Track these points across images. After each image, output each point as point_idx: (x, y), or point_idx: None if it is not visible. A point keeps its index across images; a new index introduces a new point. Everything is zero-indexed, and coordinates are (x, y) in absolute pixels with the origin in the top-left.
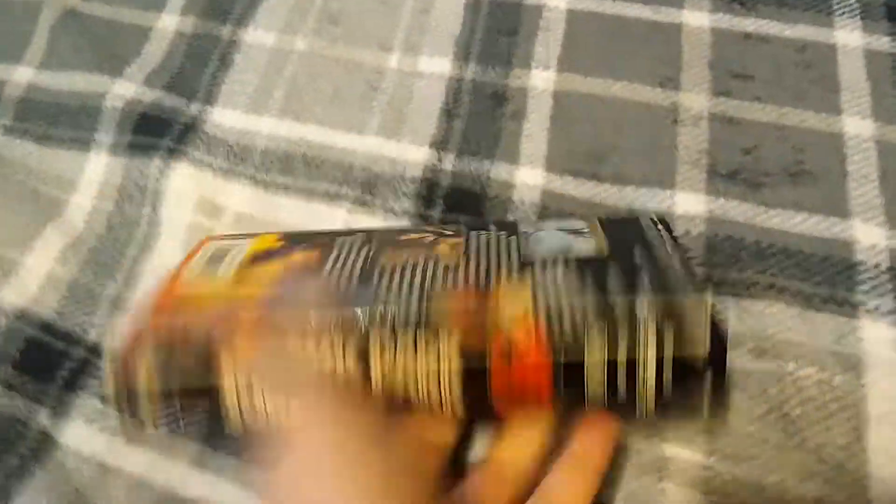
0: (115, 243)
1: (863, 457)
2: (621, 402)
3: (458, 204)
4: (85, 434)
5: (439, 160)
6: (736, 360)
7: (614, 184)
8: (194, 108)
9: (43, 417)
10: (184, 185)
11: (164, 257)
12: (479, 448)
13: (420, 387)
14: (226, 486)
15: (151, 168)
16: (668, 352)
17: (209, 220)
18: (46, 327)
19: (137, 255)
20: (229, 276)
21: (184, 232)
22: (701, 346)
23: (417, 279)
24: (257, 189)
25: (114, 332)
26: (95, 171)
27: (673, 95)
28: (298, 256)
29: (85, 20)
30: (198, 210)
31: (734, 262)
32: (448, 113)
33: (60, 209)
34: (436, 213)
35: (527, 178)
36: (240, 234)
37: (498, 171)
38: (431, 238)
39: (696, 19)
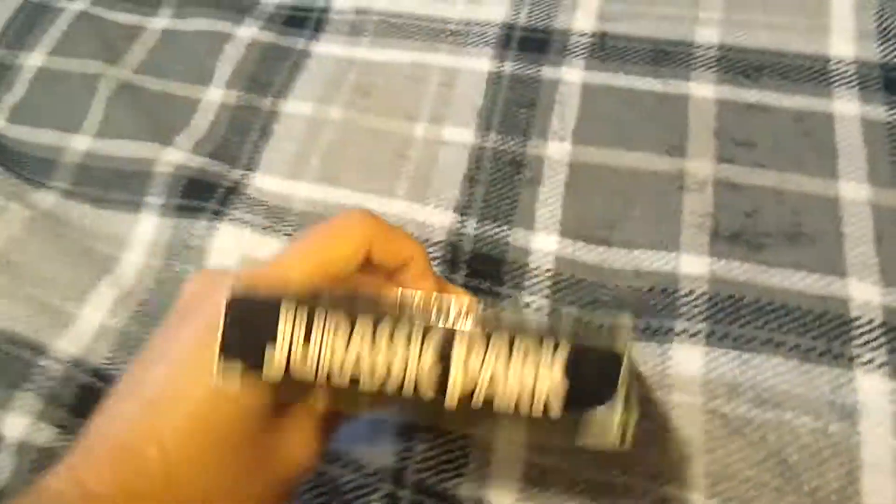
0: (161, 297)
1: (857, 499)
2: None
3: (481, 269)
4: None
5: (462, 224)
6: (736, 409)
7: (623, 248)
8: (237, 173)
9: None
10: (226, 243)
11: None
12: None
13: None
14: None
15: (197, 228)
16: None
17: None
18: (98, 374)
19: None
20: None
21: None
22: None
23: None
24: None
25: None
26: (146, 230)
27: (679, 163)
28: None
29: (138, 93)
30: (239, 266)
31: (735, 318)
32: (471, 179)
33: (113, 266)
34: (459, 277)
35: (542, 244)
36: None
37: (516, 236)
38: None
39: (702, 91)
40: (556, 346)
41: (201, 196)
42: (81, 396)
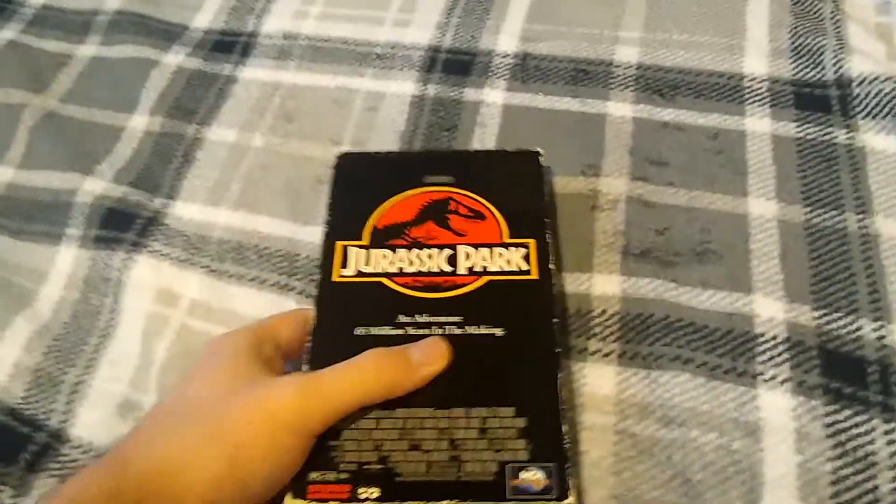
0: (77, 332)
1: None
2: None
3: None
4: None
5: None
6: (646, 429)
7: None
8: (158, 202)
9: (5, 497)
10: (144, 276)
11: (122, 344)
12: None
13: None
14: None
15: (115, 260)
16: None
17: (166, 309)
18: (12, 413)
19: (98, 343)
20: None
21: (142, 320)
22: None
23: None
24: (212, 279)
25: None
26: (64, 263)
27: (594, 182)
28: None
29: (62, 122)
30: (156, 300)
31: (645, 336)
32: None
33: (30, 300)
34: None
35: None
36: None
37: None
38: None
39: (620, 110)
40: None
41: (120, 227)
42: None
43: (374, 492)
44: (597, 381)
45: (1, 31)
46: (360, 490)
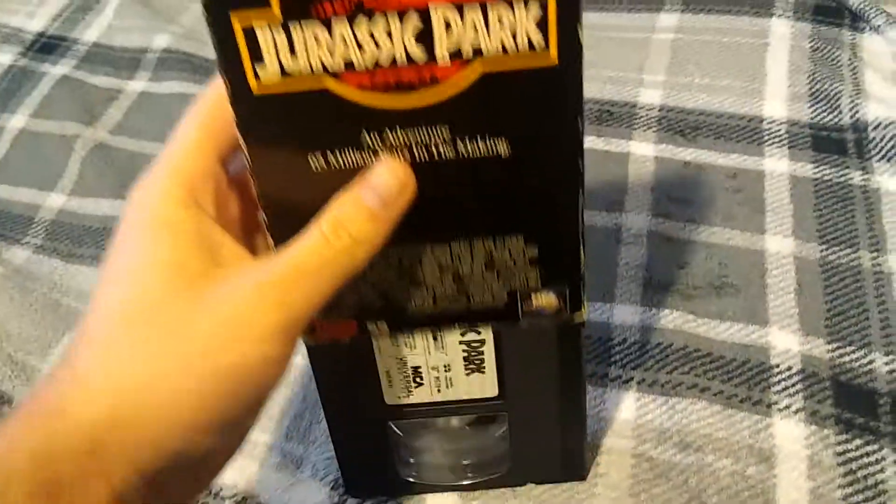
0: None
1: None
2: None
3: None
4: None
5: None
6: (663, 453)
7: None
8: None
9: None
10: None
11: None
12: None
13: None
14: None
15: None
16: None
17: None
18: None
19: None
20: None
21: None
22: None
23: None
24: None
25: None
26: None
27: (617, 217)
28: None
29: (112, 152)
30: None
31: (664, 364)
32: None
33: (78, 319)
34: None
35: None
36: None
37: None
38: None
39: (642, 149)
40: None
41: None
42: None
43: (382, 325)
44: (617, 407)
45: (55, 67)
46: (368, 325)
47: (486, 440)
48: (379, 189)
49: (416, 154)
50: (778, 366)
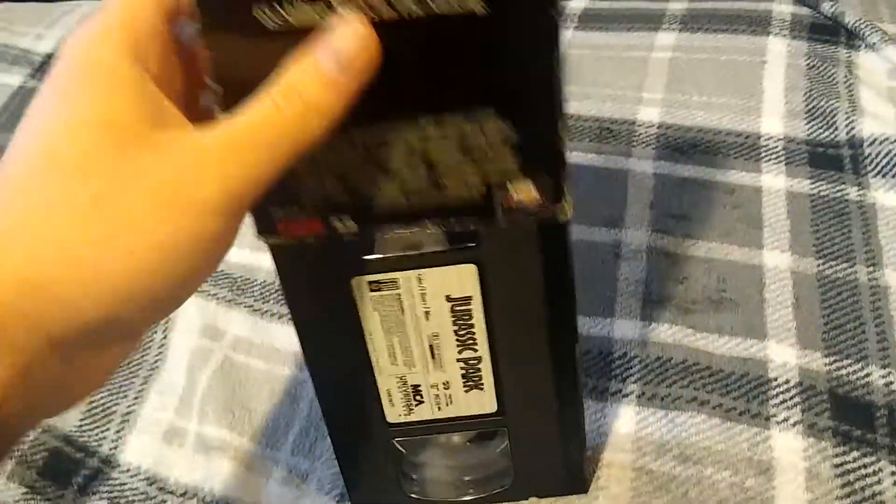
0: (129, 366)
1: None
2: None
3: None
4: None
5: None
6: (663, 466)
7: None
8: None
9: None
10: (191, 314)
11: (170, 376)
12: None
13: None
14: None
15: None
16: None
17: (211, 343)
18: (67, 439)
19: (147, 376)
20: None
21: (188, 354)
22: None
23: None
24: (255, 317)
25: None
26: None
27: (617, 233)
28: None
29: None
30: (202, 335)
31: (663, 378)
32: None
33: None
34: None
35: None
36: None
37: None
38: None
39: (641, 166)
40: None
41: None
42: (50, 460)
43: (350, 223)
44: (617, 420)
45: None
46: (334, 222)
47: (487, 456)
48: (339, 51)
49: (382, 11)
50: (776, 379)
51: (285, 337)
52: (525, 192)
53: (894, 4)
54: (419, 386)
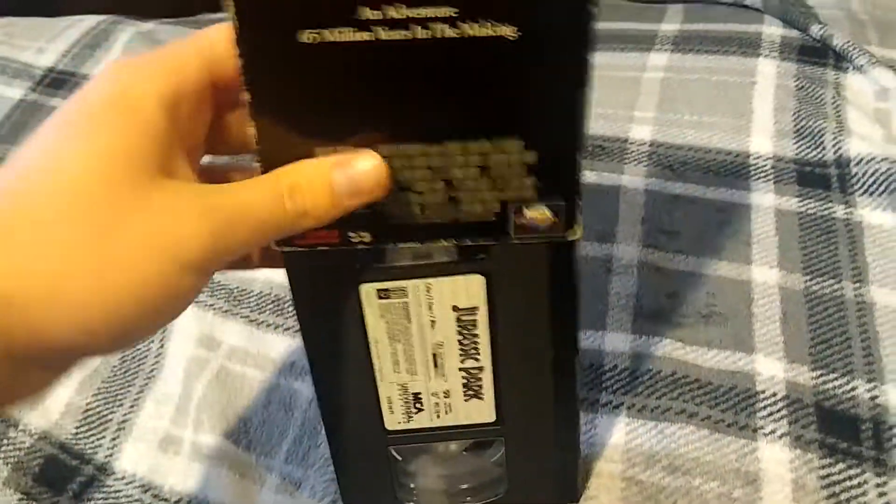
0: (125, 374)
1: None
2: None
3: None
4: None
5: None
6: (652, 476)
7: None
8: None
9: None
10: (188, 324)
11: (167, 384)
12: None
13: None
14: None
15: None
16: None
17: (207, 352)
18: (63, 447)
19: (144, 384)
20: None
21: (184, 363)
22: None
23: None
24: (251, 327)
25: None
26: None
27: (608, 248)
28: None
29: None
30: (199, 344)
31: (653, 390)
32: None
33: None
34: None
35: None
36: None
37: None
38: None
39: (633, 183)
40: None
41: None
42: (45, 467)
43: (365, 235)
44: (607, 432)
45: (64, 102)
46: (350, 234)
47: (483, 464)
48: (355, 177)
49: (416, 31)
50: (763, 392)
51: (281, 347)
52: (539, 214)
53: (882, 28)
54: (420, 394)
